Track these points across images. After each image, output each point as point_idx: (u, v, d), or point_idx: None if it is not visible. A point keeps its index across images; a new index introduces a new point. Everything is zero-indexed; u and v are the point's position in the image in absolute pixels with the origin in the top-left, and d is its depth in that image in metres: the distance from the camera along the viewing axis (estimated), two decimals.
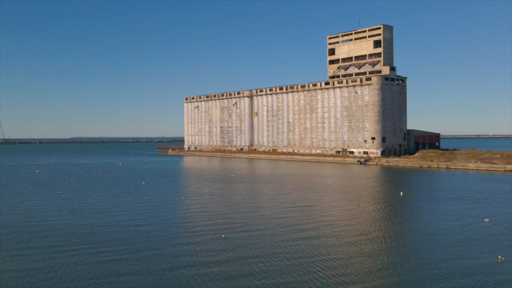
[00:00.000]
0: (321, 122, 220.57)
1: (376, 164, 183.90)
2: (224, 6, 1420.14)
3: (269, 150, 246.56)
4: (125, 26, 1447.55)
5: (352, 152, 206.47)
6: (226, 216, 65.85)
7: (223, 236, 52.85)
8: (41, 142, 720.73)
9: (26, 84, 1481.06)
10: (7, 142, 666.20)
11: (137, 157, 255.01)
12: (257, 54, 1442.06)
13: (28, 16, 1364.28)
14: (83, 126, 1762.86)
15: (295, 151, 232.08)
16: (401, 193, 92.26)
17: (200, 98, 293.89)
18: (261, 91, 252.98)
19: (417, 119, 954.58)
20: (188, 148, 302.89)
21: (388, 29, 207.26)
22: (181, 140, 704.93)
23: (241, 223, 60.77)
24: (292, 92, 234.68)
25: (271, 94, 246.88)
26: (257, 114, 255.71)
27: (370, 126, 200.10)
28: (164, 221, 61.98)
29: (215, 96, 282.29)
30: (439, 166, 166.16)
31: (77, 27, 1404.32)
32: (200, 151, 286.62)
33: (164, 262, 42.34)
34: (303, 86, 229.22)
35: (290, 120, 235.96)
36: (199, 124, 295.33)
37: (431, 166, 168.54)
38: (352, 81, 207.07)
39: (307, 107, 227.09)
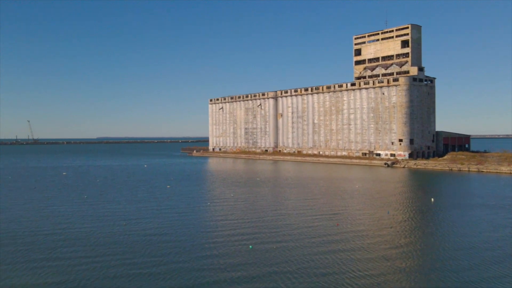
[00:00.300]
0: (347, 124, 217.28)
1: (403, 167, 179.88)
2: (248, 6, 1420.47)
3: (294, 152, 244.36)
4: (148, 27, 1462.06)
5: (379, 154, 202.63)
6: (252, 224, 64.35)
7: (250, 246, 51.38)
8: (68, 142, 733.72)
9: (54, 85, 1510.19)
10: (36, 142, 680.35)
11: (162, 159, 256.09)
12: (281, 54, 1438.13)
13: (54, 15, 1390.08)
14: (109, 126, 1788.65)
15: (321, 153, 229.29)
16: (432, 199, 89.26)
17: (224, 99, 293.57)
18: (286, 92, 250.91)
19: (446, 120, 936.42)
20: (213, 149, 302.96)
21: (416, 28, 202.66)
22: (205, 141, 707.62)
23: (267, 232, 59.15)
24: (317, 93, 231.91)
25: (296, 95, 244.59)
26: (281, 116, 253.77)
27: (397, 127, 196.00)
28: (190, 230, 60.83)
29: (239, 97, 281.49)
30: (470, 170, 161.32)
31: (102, 28, 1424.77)
32: (225, 152, 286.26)
33: (189, 276, 41.08)
34: (328, 87, 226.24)
35: (316, 121, 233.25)
36: (224, 126, 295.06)
37: (461, 169, 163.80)
38: (379, 82, 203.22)
39: (333, 108, 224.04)
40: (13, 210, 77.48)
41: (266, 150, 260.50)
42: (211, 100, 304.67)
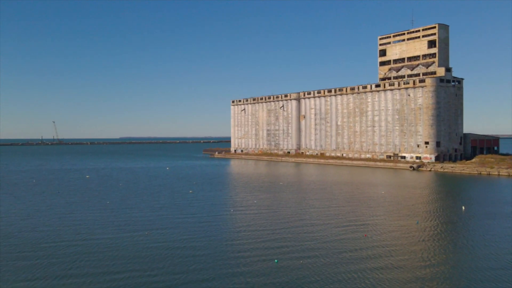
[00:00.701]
0: (371, 126, 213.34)
1: (430, 170, 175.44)
2: (271, 5, 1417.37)
3: (316, 154, 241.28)
4: (172, 27, 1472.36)
5: (404, 157, 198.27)
6: (277, 236, 62.29)
7: (276, 261, 49.42)
8: (92, 143, 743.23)
9: (78, 85, 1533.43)
10: (60, 143, 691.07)
11: (184, 161, 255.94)
12: (304, 55, 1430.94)
13: (83, 15, 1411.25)
14: (131, 126, 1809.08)
15: (344, 155, 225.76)
16: (463, 207, 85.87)
17: (246, 101, 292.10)
18: (309, 93, 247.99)
19: (474, 122, 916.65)
20: (235, 151, 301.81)
21: (443, 28, 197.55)
22: (227, 141, 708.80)
23: (293, 245, 57.00)
24: (341, 94, 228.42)
25: (319, 96, 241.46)
26: (304, 117, 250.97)
27: (423, 130, 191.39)
28: (213, 242, 59.09)
29: (261, 99, 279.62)
30: (500, 174, 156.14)
31: (127, 28, 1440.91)
32: (247, 154, 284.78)
33: None
34: (352, 89, 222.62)
35: (339, 123, 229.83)
36: (246, 127, 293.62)
37: (490, 173, 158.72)
38: (404, 83, 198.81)
39: (357, 110, 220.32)
40: (36, 217, 77.10)
41: (289, 152, 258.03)
42: (233, 102, 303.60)
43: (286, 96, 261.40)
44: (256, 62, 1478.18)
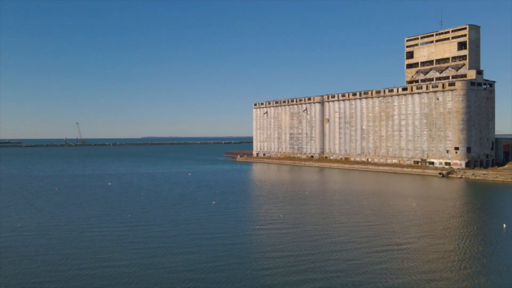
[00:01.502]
0: (397, 130, 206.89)
1: (460, 177, 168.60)
2: (294, 6, 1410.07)
3: (341, 158, 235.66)
4: (193, 28, 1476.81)
5: (432, 163, 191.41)
6: (306, 258, 57.99)
7: None
8: (114, 144, 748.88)
9: (101, 86, 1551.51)
10: (83, 144, 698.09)
11: (206, 165, 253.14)
12: (328, 57, 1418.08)
13: (104, 16, 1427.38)
14: (153, 126, 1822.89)
15: (369, 160, 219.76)
16: (504, 225, 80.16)
17: (269, 103, 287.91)
18: (333, 96, 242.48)
19: (507, 127, 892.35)
20: (257, 154, 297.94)
21: (474, 29, 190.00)
22: (248, 142, 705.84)
23: (325, 272, 52.61)
24: (366, 98, 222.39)
25: (343, 100, 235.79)
26: (328, 121, 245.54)
27: (453, 135, 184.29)
28: (238, 265, 55.17)
29: (284, 101, 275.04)
30: None
31: (148, 30, 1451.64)
32: (269, 158, 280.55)
33: None
34: (378, 92, 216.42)
35: (364, 127, 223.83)
36: (268, 130, 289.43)
37: None
38: (433, 87, 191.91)
39: (383, 114, 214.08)
40: (54, 233, 74.41)
41: (312, 156, 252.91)
42: (255, 105, 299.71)
43: (309, 99, 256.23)
44: (278, 63, 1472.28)
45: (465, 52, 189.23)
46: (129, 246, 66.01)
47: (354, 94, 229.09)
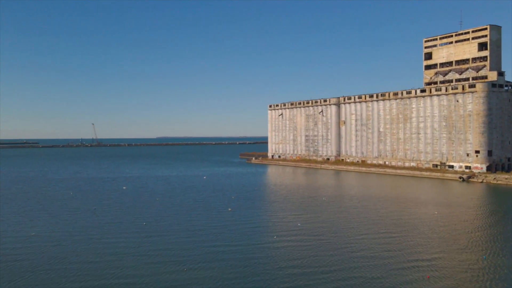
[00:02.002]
0: (415, 133, 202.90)
1: (481, 182, 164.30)
2: (310, 6, 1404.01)
3: (357, 161, 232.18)
4: (212, 29, 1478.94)
5: (452, 167, 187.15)
6: (328, 276, 55.57)
7: None
8: (129, 144, 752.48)
9: (117, 87, 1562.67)
10: (99, 144, 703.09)
11: (221, 167, 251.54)
12: (344, 58, 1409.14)
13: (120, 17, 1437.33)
14: (168, 126, 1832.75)
15: (386, 163, 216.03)
16: None
17: (284, 105, 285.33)
18: (349, 98, 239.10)
19: None
20: (272, 156, 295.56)
21: (495, 29, 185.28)
22: (262, 142, 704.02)
23: None
24: (383, 100, 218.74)
25: (360, 102, 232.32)
26: (344, 123, 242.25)
27: (473, 138, 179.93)
28: (256, 284, 53.03)
29: (300, 103, 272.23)
30: None
31: (164, 30, 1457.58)
32: (284, 160, 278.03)
33: None
34: (395, 94, 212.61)
35: (381, 130, 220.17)
36: (283, 132, 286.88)
37: None
38: (452, 88, 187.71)
39: (400, 116, 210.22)
40: (67, 243, 73.00)
41: (328, 159, 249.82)
42: (270, 106, 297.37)
43: (325, 101, 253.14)
44: (294, 66, 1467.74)
45: (485, 53, 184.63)
46: (144, 259, 64.20)
47: (371, 96, 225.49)
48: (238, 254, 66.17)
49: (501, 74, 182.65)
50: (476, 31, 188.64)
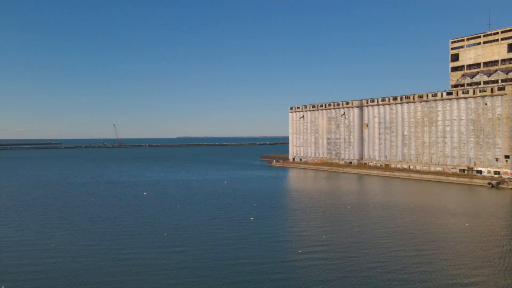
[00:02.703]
0: (441, 137, 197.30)
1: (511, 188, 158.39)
2: (334, 6, 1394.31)
3: (380, 165, 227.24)
4: (232, 28, 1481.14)
5: (480, 172, 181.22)
6: None
7: None
8: (150, 145, 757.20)
9: (138, 87, 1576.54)
10: (121, 145, 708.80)
11: (242, 170, 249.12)
12: (367, 59, 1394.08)
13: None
14: (188, 125, 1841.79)
15: (411, 167, 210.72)
16: None
17: (305, 107, 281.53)
18: (372, 101, 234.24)
19: None
20: (293, 159, 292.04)
21: None
22: (283, 143, 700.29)
23: None
24: (407, 102, 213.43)
25: (383, 104, 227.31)
26: (367, 126, 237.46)
27: (503, 142, 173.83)
28: None
29: (321, 106, 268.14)
30: None
31: (186, 30, 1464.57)
32: (306, 163, 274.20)
33: None
34: (420, 96, 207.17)
35: (405, 133, 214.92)
36: (305, 135, 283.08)
37: None
38: (480, 91, 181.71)
39: (425, 119, 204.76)
40: (85, 257, 71.15)
41: (350, 162, 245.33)
42: (291, 108, 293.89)
43: (347, 103, 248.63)
44: (315, 68, 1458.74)
45: None
46: (164, 275, 61.89)
47: (395, 99, 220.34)
48: (263, 274, 63.00)
49: None
50: (505, 31, 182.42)
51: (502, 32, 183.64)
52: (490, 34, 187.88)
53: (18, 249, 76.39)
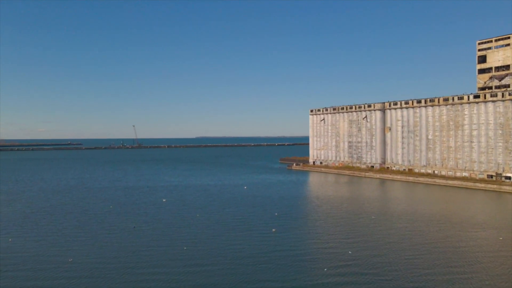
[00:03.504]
0: (468, 141, 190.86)
1: None
2: (355, 6, 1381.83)
3: (404, 170, 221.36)
4: (251, 27, 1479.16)
5: (509, 178, 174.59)
6: None
7: None
8: (169, 146, 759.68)
9: (157, 87, 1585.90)
10: (140, 146, 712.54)
11: (261, 174, 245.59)
12: (389, 62, 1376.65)
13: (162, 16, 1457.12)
14: (207, 125, 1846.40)
15: (436, 172, 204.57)
16: None
17: (326, 110, 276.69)
18: (395, 104, 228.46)
19: None
20: (313, 162, 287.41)
21: None
22: (302, 144, 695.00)
23: None
24: (432, 105, 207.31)
25: (406, 107, 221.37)
26: (390, 129, 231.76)
27: None
28: None
29: (342, 108, 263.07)
30: None
31: (204, 32, 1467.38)
32: (326, 167, 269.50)
33: None
34: (445, 99, 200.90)
35: (430, 137, 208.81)
36: (325, 138, 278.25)
37: None
38: (509, 94, 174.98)
39: (451, 123, 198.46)
40: (102, 271, 68.59)
41: (372, 166, 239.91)
42: (311, 111, 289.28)
43: (369, 106, 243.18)
44: (336, 70, 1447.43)
45: None
46: None
47: (419, 102, 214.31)
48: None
49: None
50: None
51: None
52: None
53: (34, 266, 74.00)
